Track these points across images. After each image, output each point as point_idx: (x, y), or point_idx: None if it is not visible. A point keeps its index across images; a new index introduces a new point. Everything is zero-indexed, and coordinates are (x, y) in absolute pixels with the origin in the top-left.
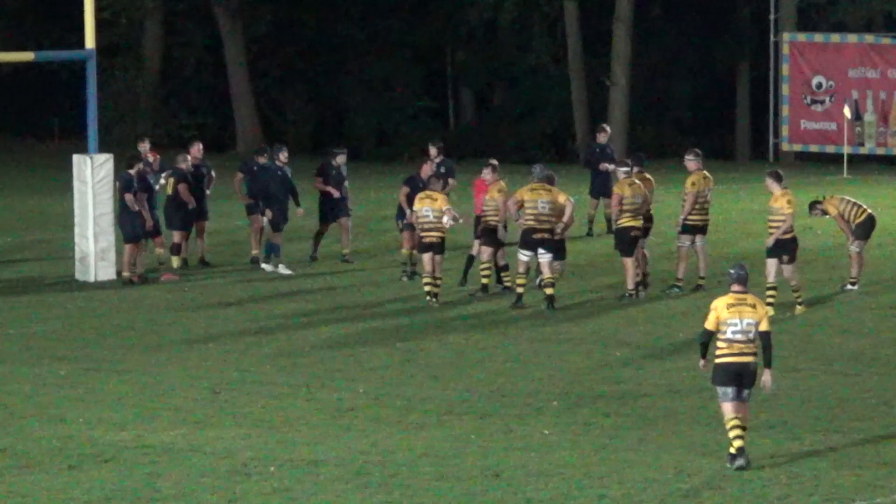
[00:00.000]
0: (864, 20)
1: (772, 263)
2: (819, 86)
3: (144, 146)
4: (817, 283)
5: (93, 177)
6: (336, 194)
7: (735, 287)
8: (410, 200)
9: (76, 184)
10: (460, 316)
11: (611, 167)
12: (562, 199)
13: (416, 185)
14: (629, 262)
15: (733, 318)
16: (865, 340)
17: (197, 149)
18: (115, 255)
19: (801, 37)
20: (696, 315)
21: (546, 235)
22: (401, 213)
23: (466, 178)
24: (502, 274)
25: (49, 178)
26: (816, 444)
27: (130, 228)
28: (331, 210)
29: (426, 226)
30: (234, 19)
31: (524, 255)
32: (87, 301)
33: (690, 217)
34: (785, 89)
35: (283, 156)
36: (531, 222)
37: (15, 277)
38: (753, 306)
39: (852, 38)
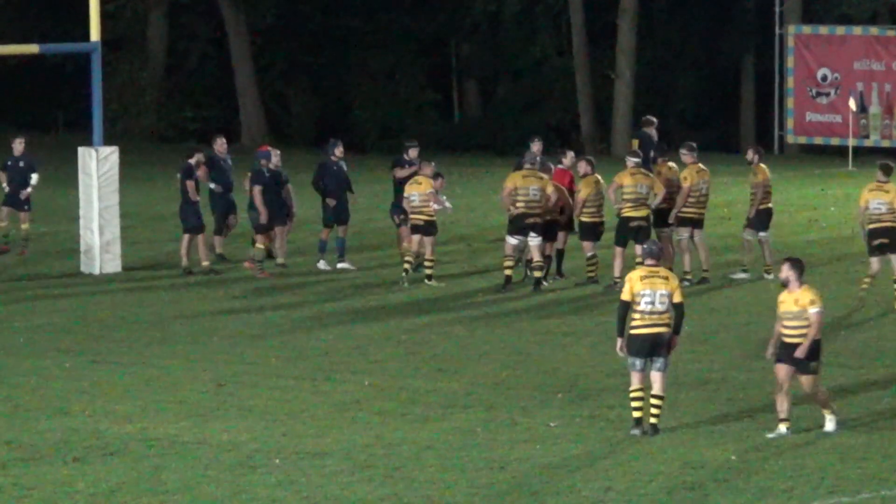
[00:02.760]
0: (869, 12)
1: (877, 260)
2: (824, 78)
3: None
4: (820, 275)
5: (98, 169)
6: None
7: (648, 261)
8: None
9: (81, 176)
10: (465, 309)
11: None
12: (550, 188)
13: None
14: (619, 251)
15: (646, 290)
16: (869, 334)
17: (220, 143)
18: (119, 247)
19: (807, 29)
20: (700, 308)
21: (537, 220)
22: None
23: (471, 171)
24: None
25: (54, 170)
26: (821, 436)
27: (192, 219)
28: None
29: (413, 209)
30: (238, 12)
31: (513, 240)
32: (91, 294)
33: (685, 210)
34: (790, 82)
35: (339, 151)
36: (522, 208)
37: (20, 270)
38: (666, 279)
39: (857, 30)
